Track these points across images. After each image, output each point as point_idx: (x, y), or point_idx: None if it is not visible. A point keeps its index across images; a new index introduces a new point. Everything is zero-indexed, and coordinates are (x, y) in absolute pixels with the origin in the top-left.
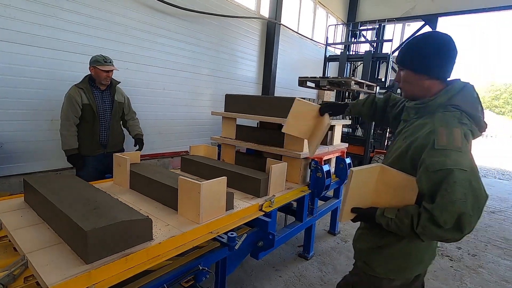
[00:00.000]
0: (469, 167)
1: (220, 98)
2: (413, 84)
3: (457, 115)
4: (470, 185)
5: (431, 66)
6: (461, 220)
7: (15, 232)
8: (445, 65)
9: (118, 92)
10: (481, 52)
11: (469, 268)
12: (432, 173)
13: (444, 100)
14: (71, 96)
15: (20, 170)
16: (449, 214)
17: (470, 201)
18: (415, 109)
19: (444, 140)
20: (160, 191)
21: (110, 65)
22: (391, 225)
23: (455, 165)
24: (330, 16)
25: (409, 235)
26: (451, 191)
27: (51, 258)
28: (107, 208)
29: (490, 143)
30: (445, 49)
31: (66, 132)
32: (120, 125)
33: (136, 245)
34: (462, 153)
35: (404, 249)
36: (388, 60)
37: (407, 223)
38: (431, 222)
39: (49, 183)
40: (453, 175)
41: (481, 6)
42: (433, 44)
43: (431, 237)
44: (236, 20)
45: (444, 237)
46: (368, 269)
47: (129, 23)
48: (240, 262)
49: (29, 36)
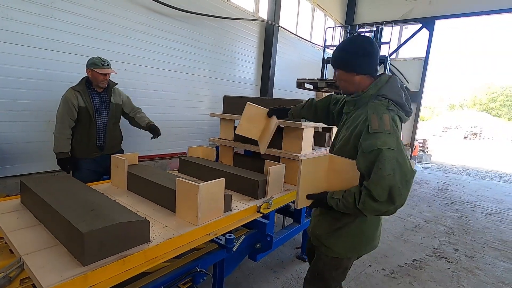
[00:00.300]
0: (396, 146)
1: (218, 100)
2: (346, 81)
3: (385, 103)
4: (397, 161)
5: (357, 64)
6: (392, 193)
7: (12, 234)
8: (369, 62)
9: (115, 93)
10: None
11: (466, 270)
12: (367, 154)
13: (374, 91)
14: (67, 98)
15: (16, 171)
16: (381, 188)
17: (398, 176)
18: (353, 102)
19: (376, 125)
20: (158, 192)
21: (107, 67)
22: (340, 205)
23: (384, 145)
24: (328, 18)
25: (355, 212)
26: (382, 168)
27: (48, 260)
28: (104, 209)
29: (487, 145)
30: (366, 49)
31: (59, 135)
32: (118, 127)
33: (133, 247)
34: (390, 135)
35: (358, 228)
36: (385, 62)
37: (351, 201)
38: (369, 197)
39: (46, 185)
40: (382, 154)
41: (478, 9)
42: (356, 46)
43: (370, 211)
44: (234, 22)
45: (381, 210)
46: (330, 252)
47: (127, 24)
48: (238, 264)
49: (26, 37)
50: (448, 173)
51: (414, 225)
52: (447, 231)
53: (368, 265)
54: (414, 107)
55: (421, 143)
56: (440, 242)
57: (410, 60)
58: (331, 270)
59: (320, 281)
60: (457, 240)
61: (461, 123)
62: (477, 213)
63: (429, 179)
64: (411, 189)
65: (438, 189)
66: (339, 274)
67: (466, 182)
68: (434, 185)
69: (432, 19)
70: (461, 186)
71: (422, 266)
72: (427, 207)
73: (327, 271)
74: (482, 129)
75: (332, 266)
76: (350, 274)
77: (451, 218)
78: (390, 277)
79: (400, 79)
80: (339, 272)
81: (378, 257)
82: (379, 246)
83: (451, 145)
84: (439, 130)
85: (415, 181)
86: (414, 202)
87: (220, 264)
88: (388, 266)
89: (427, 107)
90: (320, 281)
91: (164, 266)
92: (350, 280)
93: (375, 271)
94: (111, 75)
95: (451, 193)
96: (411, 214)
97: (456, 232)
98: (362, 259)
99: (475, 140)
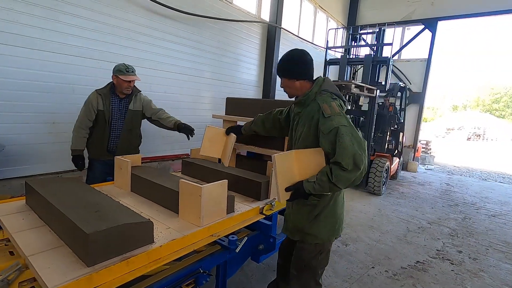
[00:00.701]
0: (348, 123)
1: (221, 102)
2: (290, 87)
3: (329, 95)
4: (352, 135)
5: (296, 72)
6: (356, 159)
7: (17, 235)
8: (305, 69)
9: (136, 100)
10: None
11: (470, 272)
12: (327, 135)
13: (317, 89)
14: (89, 100)
15: (21, 172)
16: (347, 157)
17: (356, 145)
18: (302, 102)
19: (328, 111)
20: (161, 194)
21: (132, 75)
22: (316, 187)
23: (339, 124)
24: (331, 20)
25: (330, 188)
26: (343, 141)
27: (53, 261)
28: (108, 211)
29: (491, 147)
30: (302, 59)
31: (76, 134)
32: (136, 134)
33: (137, 248)
34: (341, 116)
35: (332, 210)
36: (388, 64)
37: (325, 179)
38: (339, 169)
39: (51, 186)
40: (340, 130)
41: (480, 10)
42: (294, 57)
43: (343, 181)
44: (237, 24)
45: (351, 178)
46: (314, 239)
47: (130, 27)
48: (240, 265)
49: (31, 40)
50: (452, 175)
51: (417, 227)
52: (450, 233)
53: (371, 267)
54: (417, 108)
55: (424, 144)
56: (443, 244)
57: (412, 61)
58: (317, 256)
59: (307, 271)
60: (460, 242)
61: (464, 124)
62: (481, 214)
63: (432, 180)
64: (414, 190)
65: (441, 191)
66: (323, 258)
67: (469, 184)
68: (437, 187)
69: (434, 20)
70: (464, 188)
71: (426, 268)
72: (430, 208)
73: (313, 258)
74: (485, 130)
75: (316, 252)
76: (352, 276)
77: (455, 220)
78: (393, 279)
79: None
80: (323, 256)
81: (381, 259)
82: (382, 248)
83: (454, 146)
84: (442, 131)
85: (418, 183)
86: (417, 204)
87: (223, 265)
88: (391, 268)
89: (430, 108)
90: (308, 271)
91: (167, 267)
92: (353, 282)
93: (378, 273)
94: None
95: (455, 194)
96: (414, 215)
97: (459, 234)
98: (365, 260)
99: (479, 141)
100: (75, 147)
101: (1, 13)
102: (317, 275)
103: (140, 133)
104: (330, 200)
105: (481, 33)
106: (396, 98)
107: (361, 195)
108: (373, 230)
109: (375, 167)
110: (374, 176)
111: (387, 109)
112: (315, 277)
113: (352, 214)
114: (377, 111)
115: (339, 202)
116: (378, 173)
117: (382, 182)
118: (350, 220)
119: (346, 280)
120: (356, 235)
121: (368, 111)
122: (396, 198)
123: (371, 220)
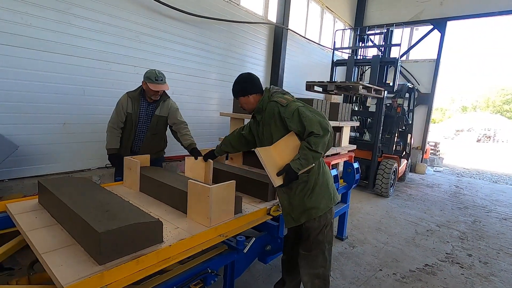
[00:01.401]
0: (303, 105)
1: (227, 102)
2: (246, 103)
3: (279, 92)
4: (309, 110)
5: (248, 88)
6: (322, 124)
7: (30, 233)
8: (254, 85)
9: (164, 106)
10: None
11: (480, 276)
12: (292, 118)
13: (268, 94)
14: (120, 102)
15: (33, 172)
16: (315, 124)
17: (317, 115)
18: (259, 109)
19: (284, 102)
20: (170, 194)
21: (160, 83)
22: (302, 161)
23: (296, 106)
24: (338, 21)
25: (314, 156)
26: (306, 116)
27: (65, 259)
28: (118, 210)
29: (501, 148)
30: (250, 77)
31: (109, 133)
32: (160, 138)
33: (146, 247)
34: (295, 101)
35: (324, 180)
36: (396, 65)
37: (306, 151)
38: (314, 137)
39: (63, 186)
40: (299, 110)
41: (490, 10)
42: (243, 78)
43: (321, 145)
44: (244, 25)
45: (325, 141)
46: (318, 211)
47: (139, 29)
48: (248, 266)
49: (43, 42)
50: (461, 177)
51: (426, 230)
52: (460, 236)
53: (379, 270)
54: (425, 109)
55: (432, 146)
56: (453, 247)
57: (420, 62)
58: (323, 230)
59: (316, 247)
60: (470, 245)
61: (474, 126)
62: (492, 218)
63: (441, 182)
64: (422, 193)
65: (450, 193)
66: (328, 232)
67: (479, 186)
68: (446, 189)
69: (443, 20)
70: (474, 190)
71: (434, 272)
72: (439, 211)
73: (320, 234)
74: (496, 132)
75: (321, 225)
76: (359, 278)
77: (464, 222)
78: (401, 282)
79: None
80: (328, 229)
81: (388, 262)
82: (390, 250)
83: (464, 148)
84: (451, 132)
85: (426, 185)
86: (426, 206)
87: (230, 265)
88: (399, 270)
89: (438, 109)
90: (316, 247)
91: (176, 266)
92: (360, 285)
93: (386, 275)
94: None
95: (464, 197)
96: (423, 218)
97: (469, 237)
98: (372, 263)
99: (489, 143)
100: (109, 146)
101: (15, 17)
102: (325, 249)
103: (165, 137)
104: (319, 170)
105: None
106: (404, 99)
107: (369, 197)
108: (380, 233)
109: (382, 168)
110: (382, 178)
111: (395, 110)
112: (323, 252)
113: (359, 216)
114: (384, 112)
115: (327, 173)
116: (386, 174)
117: (389, 184)
118: (357, 222)
119: (354, 282)
120: (363, 237)
121: (376, 112)
122: (404, 200)
123: (378, 222)
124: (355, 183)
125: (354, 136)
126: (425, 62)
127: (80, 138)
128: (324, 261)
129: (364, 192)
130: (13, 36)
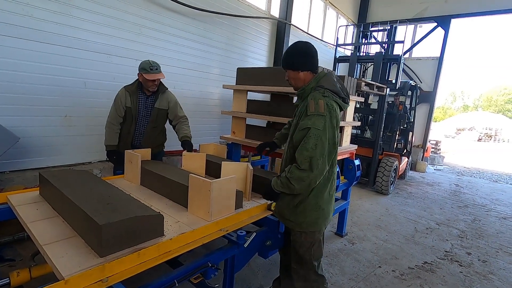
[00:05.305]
0: (323, 127)
1: (228, 97)
2: (294, 78)
3: (321, 92)
4: (320, 139)
5: (300, 63)
6: (312, 162)
7: (32, 225)
8: (308, 61)
9: (163, 98)
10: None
11: (479, 274)
12: (301, 131)
13: (314, 84)
14: (118, 96)
15: (35, 164)
16: (303, 157)
17: (319, 150)
18: (300, 95)
19: (312, 109)
20: (171, 188)
21: (155, 73)
22: (278, 182)
23: (313, 125)
24: (341, 17)
25: (287, 185)
26: (307, 142)
27: (66, 251)
28: (120, 203)
29: (503, 148)
30: (305, 51)
31: (108, 130)
32: (160, 131)
33: (147, 240)
34: (321, 117)
35: (314, 202)
36: (399, 62)
37: (283, 175)
38: (295, 166)
39: (64, 178)
40: (310, 131)
41: (496, 8)
42: (297, 49)
43: (296, 178)
44: (246, 20)
45: (303, 178)
46: (294, 226)
47: (140, 22)
48: (248, 260)
49: (45, 34)
50: (461, 176)
51: (426, 227)
52: (459, 234)
53: (378, 266)
54: (427, 108)
55: (433, 144)
56: (452, 246)
57: (424, 60)
58: (309, 249)
59: (304, 264)
60: (470, 244)
61: (475, 125)
62: (491, 217)
63: (441, 181)
64: (422, 191)
65: (450, 192)
66: (316, 250)
67: (480, 185)
68: (446, 187)
69: (448, 17)
70: (474, 189)
71: (433, 269)
72: (439, 209)
73: (306, 252)
74: (497, 131)
75: (309, 245)
76: (359, 275)
77: (464, 221)
78: (400, 279)
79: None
80: (315, 248)
81: (388, 259)
82: (389, 247)
83: (465, 147)
84: (452, 131)
85: (426, 183)
86: (426, 204)
87: (231, 260)
88: (398, 268)
89: (440, 108)
90: (305, 264)
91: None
92: (359, 281)
93: (385, 272)
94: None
95: (464, 196)
96: (422, 216)
97: (469, 236)
98: (372, 259)
99: (490, 142)
100: (108, 142)
101: (17, 8)
102: (315, 267)
103: (165, 130)
104: (310, 193)
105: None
106: (406, 97)
107: (369, 194)
108: (380, 230)
109: (383, 166)
110: (382, 176)
111: (397, 108)
112: (314, 269)
113: (359, 213)
114: (386, 109)
115: (324, 197)
116: (386, 172)
117: (390, 181)
118: (357, 219)
119: (353, 278)
120: (363, 234)
121: (378, 110)
122: (404, 198)
123: (378, 219)
124: (356, 180)
125: (355, 133)
126: (428, 60)
127: (81, 131)
128: (315, 275)
129: (364, 189)
130: (14, 27)
